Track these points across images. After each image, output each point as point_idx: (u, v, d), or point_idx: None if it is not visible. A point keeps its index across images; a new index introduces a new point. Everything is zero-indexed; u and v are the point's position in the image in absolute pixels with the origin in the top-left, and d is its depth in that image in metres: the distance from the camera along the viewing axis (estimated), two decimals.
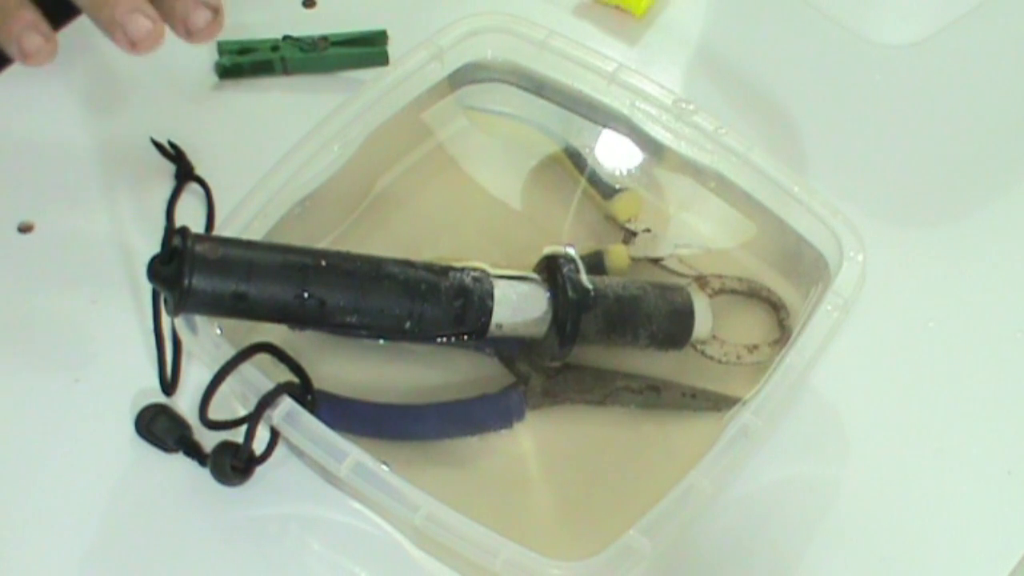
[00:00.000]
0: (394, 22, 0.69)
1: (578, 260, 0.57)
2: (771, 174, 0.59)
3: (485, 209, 0.64)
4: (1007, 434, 0.59)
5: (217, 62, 0.67)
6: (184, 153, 0.63)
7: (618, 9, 0.72)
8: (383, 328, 0.54)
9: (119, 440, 0.55)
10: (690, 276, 0.61)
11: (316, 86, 0.68)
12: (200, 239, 0.50)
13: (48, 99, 0.66)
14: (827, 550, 0.55)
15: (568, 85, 0.64)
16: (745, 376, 0.58)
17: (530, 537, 0.49)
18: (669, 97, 0.61)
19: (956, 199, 0.68)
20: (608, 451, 0.57)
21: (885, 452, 0.58)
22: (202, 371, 0.53)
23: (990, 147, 0.70)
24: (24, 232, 0.61)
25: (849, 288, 0.55)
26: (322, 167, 0.58)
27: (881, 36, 0.73)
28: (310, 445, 0.50)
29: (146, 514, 0.54)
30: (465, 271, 0.55)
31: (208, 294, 0.49)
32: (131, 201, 0.63)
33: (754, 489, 0.56)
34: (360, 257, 0.53)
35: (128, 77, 0.67)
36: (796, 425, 0.58)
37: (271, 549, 0.54)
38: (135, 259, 0.60)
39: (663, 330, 0.57)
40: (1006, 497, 0.57)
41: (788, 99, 0.70)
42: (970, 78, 0.73)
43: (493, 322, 0.54)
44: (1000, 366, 0.61)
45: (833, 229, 0.57)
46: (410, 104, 0.62)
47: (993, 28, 0.74)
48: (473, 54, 0.63)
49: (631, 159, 0.64)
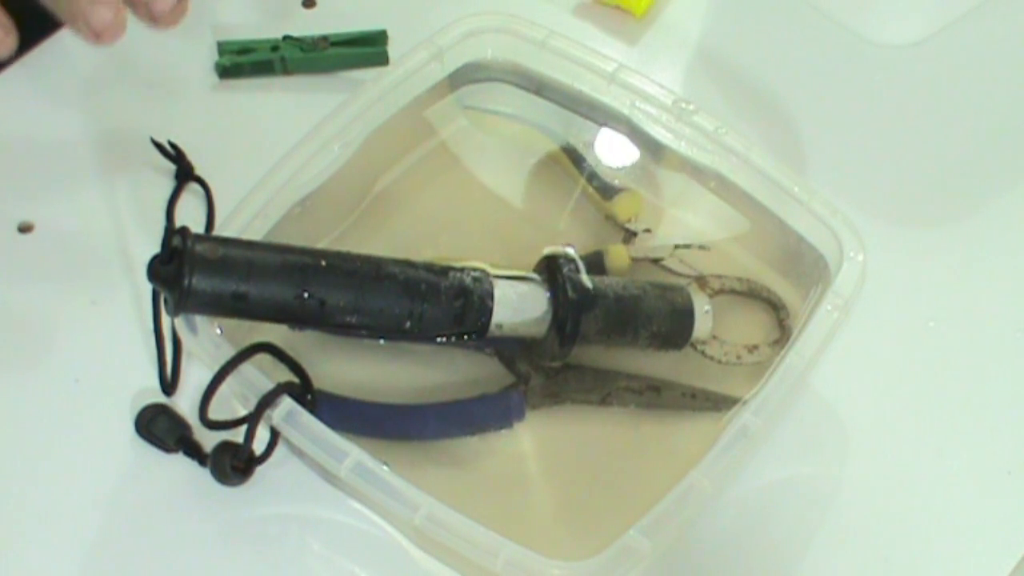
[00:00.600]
0: (394, 22, 0.69)
1: (578, 260, 0.57)
2: (771, 174, 0.59)
3: (485, 209, 0.64)
4: (1007, 434, 0.59)
5: (217, 62, 0.67)
6: (184, 153, 0.63)
7: (618, 9, 0.72)
8: (383, 328, 0.54)
9: (119, 440, 0.55)
10: (690, 276, 0.61)
11: (316, 86, 0.68)
12: (200, 239, 0.50)
13: (48, 99, 0.66)
14: (827, 550, 0.55)
15: (568, 85, 0.64)
16: (745, 376, 0.58)
17: (530, 537, 0.49)
18: (669, 97, 0.61)
19: (956, 199, 0.68)
20: (608, 451, 0.57)
21: (885, 452, 0.58)
22: (202, 371, 0.53)
23: (990, 147, 0.70)
24: (24, 232, 0.61)
25: (849, 288, 0.55)
26: (322, 167, 0.58)
27: (881, 36, 0.73)
28: (310, 445, 0.50)
29: (146, 514, 0.54)
30: (465, 271, 0.55)
31: (208, 294, 0.49)
32: (131, 201, 0.63)
33: (754, 489, 0.56)
34: (360, 257, 0.53)
35: (128, 77, 0.67)
36: (796, 425, 0.58)
37: (271, 549, 0.54)
38: (135, 259, 0.60)
39: (663, 330, 0.57)
40: (1006, 497, 0.57)
41: (788, 99, 0.70)
42: (970, 78, 0.73)
43: (493, 322, 0.54)
44: (1000, 366, 0.61)
45: (833, 229, 0.57)
46: (410, 104, 0.62)
47: (993, 28, 0.74)
48: (473, 54, 0.63)
49: (631, 159, 0.64)
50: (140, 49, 0.69)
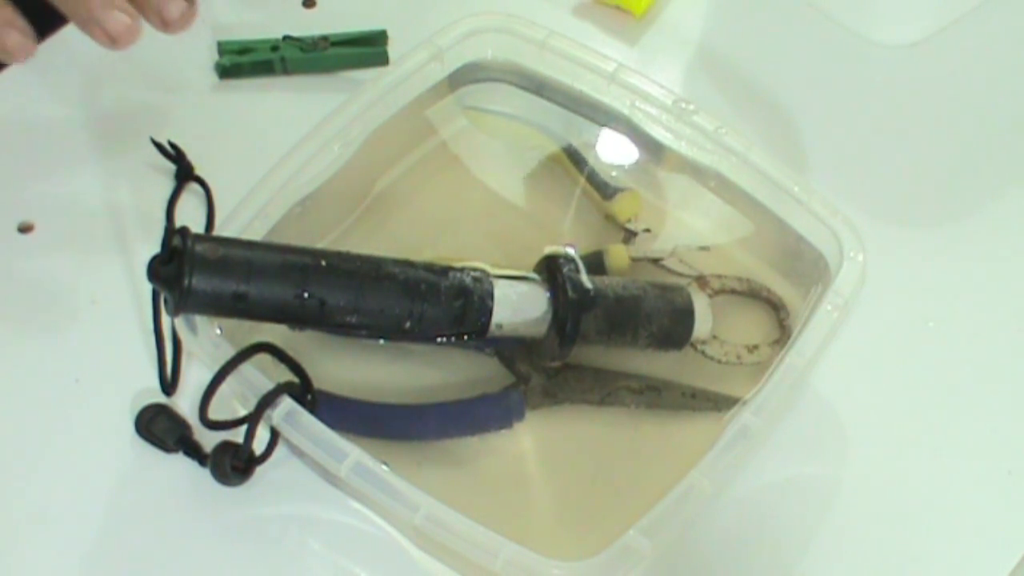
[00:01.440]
0: (394, 22, 0.69)
1: (578, 260, 0.57)
2: (771, 174, 0.59)
3: (485, 209, 0.64)
4: (1007, 434, 0.59)
5: (217, 62, 0.67)
6: (184, 153, 0.63)
7: (618, 9, 0.72)
8: (383, 328, 0.54)
9: (119, 440, 0.55)
10: (690, 276, 0.61)
11: (316, 86, 0.68)
12: (200, 239, 0.50)
13: (48, 99, 0.66)
14: (827, 550, 0.55)
15: (568, 85, 0.64)
16: (745, 376, 0.58)
17: (530, 537, 0.49)
18: (669, 97, 0.61)
19: (956, 199, 0.68)
20: (608, 451, 0.57)
21: (885, 452, 0.58)
22: (202, 371, 0.53)
23: (990, 147, 0.70)
24: (24, 232, 0.61)
25: (849, 288, 0.55)
26: (322, 167, 0.58)
27: (881, 36, 0.73)
28: (310, 445, 0.50)
29: (146, 514, 0.54)
30: (465, 271, 0.55)
31: (208, 294, 0.49)
32: (131, 201, 0.63)
33: (754, 489, 0.56)
34: (360, 257, 0.53)
35: (128, 77, 0.67)
36: (796, 425, 0.58)
37: (271, 549, 0.54)
38: (135, 259, 0.60)
39: (663, 330, 0.57)
40: (1006, 497, 0.57)
41: (788, 99, 0.70)
42: (970, 78, 0.73)
43: (493, 322, 0.54)
44: (1000, 365, 0.61)
45: (833, 229, 0.57)
46: (410, 104, 0.62)
47: (993, 28, 0.74)
48: (473, 54, 0.63)
49: (631, 159, 0.64)
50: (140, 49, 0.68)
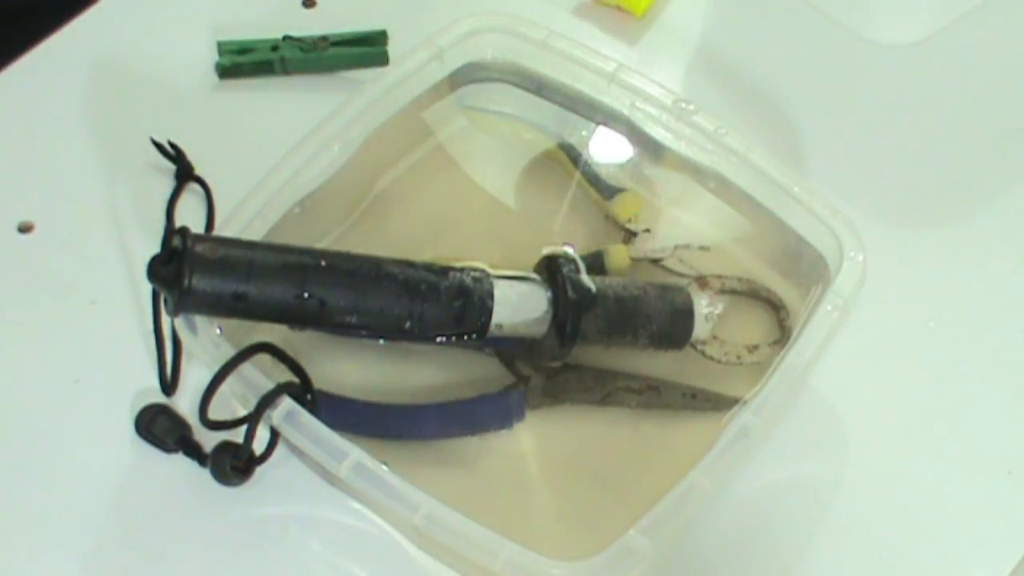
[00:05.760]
0: (394, 22, 0.69)
1: (578, 260, 0.57)
2: (771, 174, 0.59)
3: (485, 209, 0.64)
4: (1007, 434, 0.59)
5: (217, 62, 0.67)
6: (184, 153, 0.63)
7: (618, 9, 0.72)
8: (383, 328, 0.54)
9: (119, 440, 0.55)
10: (690, 276, 0.61)
11: (316, 86, 0.68)
12: (200, 239, 0.50)
13: (48, 99, 0.66)
14: (827, 550, 0.55)
15: (568, 85, 0.64)
16: (745, 376, 0.58)
17: (530, 537, 0.49)
18: (669, 97, 0.61)
19: (956, 199, 0.68)
20: (608, 451, 0.57)
21: (885, 452, 0.58)
22: (202, 371, 0.53)
23: (990, 147, 0.70)
24: (24, 232, 0.62)
25: (849, 288, 0.55)
26: (322, 167, 0.58)
27: (881, 36, 0.73)
28: (310, 445, 0.50)
29: (146, 514, 0.54)
30: (465, 271, 0.55)
31: (208, 294, 0.49)
32: (131, 201, 0.63)
33: (754, 489, 0.56)
34: (360, 257, 0.53)
35: (128, 77, 0.67)
36: (796, 425, 0.58)
37: (271, 549, 0.54)
38: (135, 259, 0.60)
39: (663, 330, 0.57)
40: (1006, 497, 0.57)
41: (788, 99, 0.70)
42: (970, 78, 0.73)
43: (493, 322, 0.54)
44: (1000, 366, 0.61)
45: (833, 229, 0.57)
46: (410, 104, 0.62)
47: (993, 28, 0.74)
48: (473, 54, 0.63)
49: (631, 159, 0.64)
50: (140, 49, 0.69)
